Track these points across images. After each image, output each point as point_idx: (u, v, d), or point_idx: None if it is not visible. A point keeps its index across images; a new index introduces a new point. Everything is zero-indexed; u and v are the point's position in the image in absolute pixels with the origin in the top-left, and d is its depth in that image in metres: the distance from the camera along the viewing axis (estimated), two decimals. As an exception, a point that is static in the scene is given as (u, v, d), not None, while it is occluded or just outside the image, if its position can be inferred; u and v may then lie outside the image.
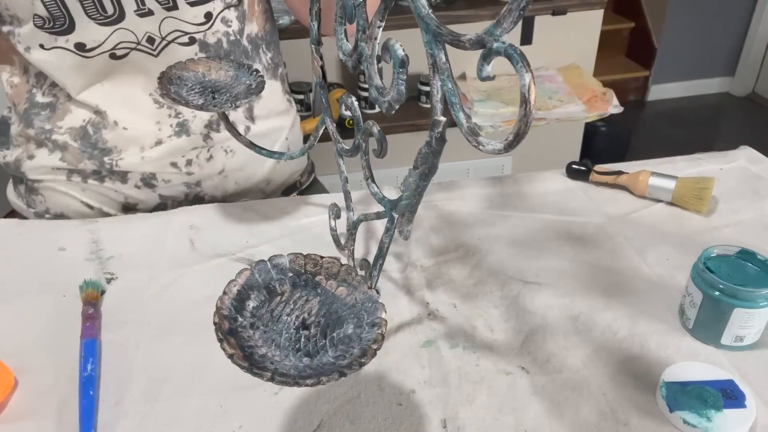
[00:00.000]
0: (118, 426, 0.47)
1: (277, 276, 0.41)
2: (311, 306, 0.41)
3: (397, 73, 0.40)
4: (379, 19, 0.42)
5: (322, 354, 0.38)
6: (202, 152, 0.77)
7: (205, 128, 0.76)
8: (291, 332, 0.39)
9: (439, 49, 0.37)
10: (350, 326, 0.40)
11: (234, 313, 0.38)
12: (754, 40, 2.96)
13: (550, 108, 1.56)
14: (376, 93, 0.44)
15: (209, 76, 0.60)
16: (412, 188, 0.44)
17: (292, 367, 0.36)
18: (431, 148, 0.41)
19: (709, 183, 0.70)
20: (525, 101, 0.31)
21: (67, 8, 0.63)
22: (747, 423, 0.45)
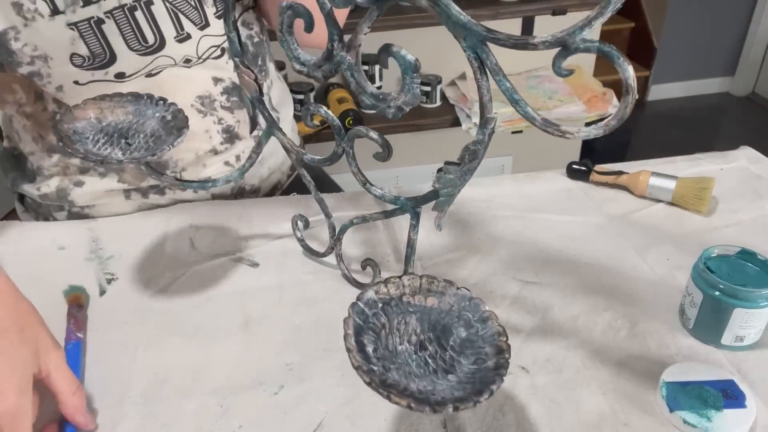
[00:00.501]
0: (118, 426, 0.47)
1: (371, 312, 0.40)
2: (412, 327, 0.40)
3: (411, 78, 0.40)
4: (367, 26, 0.41)
5: (458, 366, 0.38)
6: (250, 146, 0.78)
7: (252, 131, 0.78)
8: (414, 358, 0.39)
9: (488, 53, 0.38)
10: (461, 330, 0.40)
11: (368, 364, 0.37)
12: (754, 40, 2.96)
13: (550, 108, 1.56)
14: (372, 100, 0.43)
15: (106, 119, 0.53)
16: (456, 183, 0.45)
17: (449, 390, 0.36)
18: (484, 144, 0.42)
19: (709, 183, 0.70)
20: (630, 90, 0.34)
21: (109, 44, 0.61)
22: (747, 423, 0.44)
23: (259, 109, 0.54)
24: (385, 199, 0.51)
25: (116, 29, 0.61)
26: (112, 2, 0.60)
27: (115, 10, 0.60)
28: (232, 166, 0.77)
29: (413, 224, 0.50)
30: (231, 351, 0.54)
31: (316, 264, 0.65)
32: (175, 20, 0.64)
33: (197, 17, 0.65)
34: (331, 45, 0.43)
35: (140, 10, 0.62)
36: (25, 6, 0.57)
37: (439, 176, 0.46)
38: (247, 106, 0.55)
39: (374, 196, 0.52)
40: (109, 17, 0.60)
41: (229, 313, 0.58)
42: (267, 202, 0.77)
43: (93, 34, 0.60)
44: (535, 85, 1.67)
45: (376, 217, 0.55)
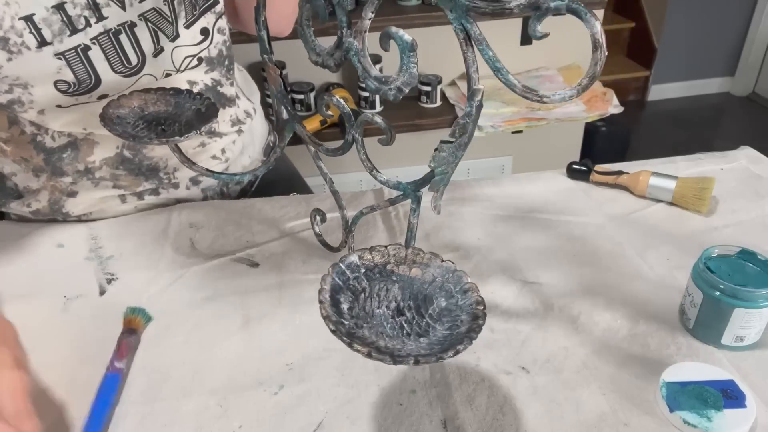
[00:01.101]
0: (118, 426, 0.47)
1: (353, 275, 0.42)
2: (394, 294, 0.42)
3: (408, 57, 0.42)
4: (371, 11, 0.43)
5: (432, 332, 0.39)
6: (234, 140, 0.80)
7: (234, 126, 0.79)
8: (390, 322, 0.40)
9: (472, 22, 0.39)
10: (442, 300, 0.41)
11: (339, 317, 0.39)
12: (754, 40, 2.96)
13: (550, 108, 1.56)
14: (376, 84, 0.45)
15: (147, 109, 0.58)
16: (449, 160, 0.46)
17: (418, 350, 0.38)
18: (471, 117, 0.43)
19: (709, 183, 0.70)
20: (598, 46, 0.35)
21: (95, 70, 0.61)
22: (747, 423, 0.44)
23: (283, 104, 0.56)
24: (389, 185, 0.53)
25: (102, 54, 0.61)
26: (97, 28, 0.59)
27: (100, 35, 0.60)
28: (219, 159, 0.78)
29: (413, 208, 0.52)
30: (231, 351, 0.54)
31: (316, 264, 0.65)
32: (153, 37, 0.64)
33: (170, 30, 0.65)
34: (341, 32, 0.45)
35: (124, 33, 0.61)
36: (12, 40, 0.56)
37: (434, 155, 0.47)
38: (273, 100, 0.56)
39: (378, 181, 0.53)
40: (95, 43, 0.60)
41: (229, 313, 0.58)
42: (267, 201, 0.77)
43: (79, 61, 0.59)
44: (535, 85, 1.67)
45: (383, 205, 0.56)
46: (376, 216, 0.72)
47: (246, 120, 0.81)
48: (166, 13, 0.64)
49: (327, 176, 0.60)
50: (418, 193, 0.51)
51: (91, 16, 0.59)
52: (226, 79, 0.77)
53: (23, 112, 0.63)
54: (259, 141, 0.87)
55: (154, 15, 0.63)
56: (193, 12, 0.67)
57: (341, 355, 0.53)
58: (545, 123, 1.54)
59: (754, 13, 2.92)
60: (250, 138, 0.84)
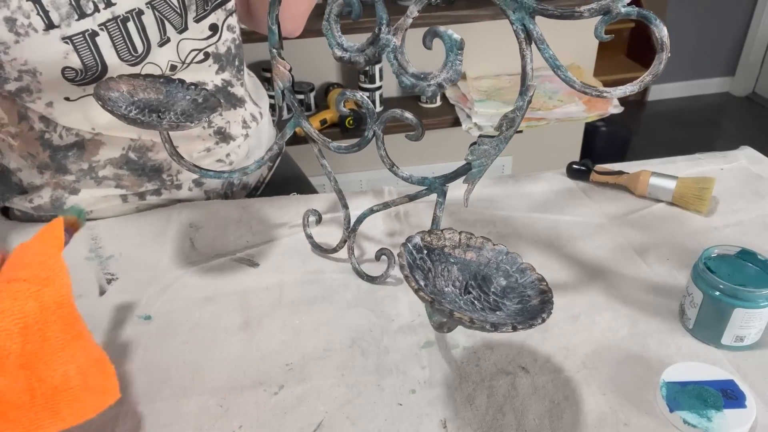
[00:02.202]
0: (118, 426, 0.47)
1: (418, 255, 0.44)
2: (454, 274, 0.44)
3: (455, 55, 0.44)
4: (417, 10, 0.44)
5: (503, 307, 0.41)
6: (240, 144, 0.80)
7: (243, 128, 0.79)
8: (462, 299, 0.42)
9: (534, 24, 0.41)
10: (501, 279, 0.43)
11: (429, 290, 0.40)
12: (754, 40, 2.96)
13: (550, 108, 1.56)
14: (413, 80, 0.46)
15: (137, 95, 0.56)
16: (490, 153, 0.48)
17: (501, 320, 0.39)
18: (522, 111, 0.45)
19: (709, 183, 0.70)
20: (665, 47, 0.38)
21: (101, 56, 0.61)
22: (747, 423, 0.44)
23: (289, 100, 0.56)
24: (412, 181, 0.54)
25: (109, 41, 0.61)
26: (106, 14, 0.60)
27: (108, 22, 0.60)
28: (223, 162, 0.78)
29: (440, 202, 0.53)
30: (231, 351, 0.54)
31: (316, 264, 0.65)
32: (160, 26, 0.64)
33: (179, 22, 0.66)
34: (378, 29, 0.46)
35: (132, 20, 0.62)
36: (19, 21, 0.56)
37: (473, 149, 0.49)
38: (276, 97, 0.56)
39: (400, 177, 0.54)
40: (102, 29, 0.60)
41: (229, 313, 0.58)
42: (266, 201, 0.77)
43: (87, 46, 0.60)
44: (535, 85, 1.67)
45: (400, 201, 0.57)
46: (376, 216, 0.72)
47: (252, 124, 0.81)
48: (175, 4, 0.64)
49: (331, 175, 0.60)
50: (444, 188, 0.52)
51: (99, 2, 0.59)
52: (236, 80, 0.77)
53: (32, 101, 0.63)
54: (266, 144, 0.87)
55: (162, 4, 0.63)
56: (204, 7, 0.67)
57: (341, 355, 0.53)
58: (545, 123, 1.54)
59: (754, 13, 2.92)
60: (257, 142, 0.84)
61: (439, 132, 1.71)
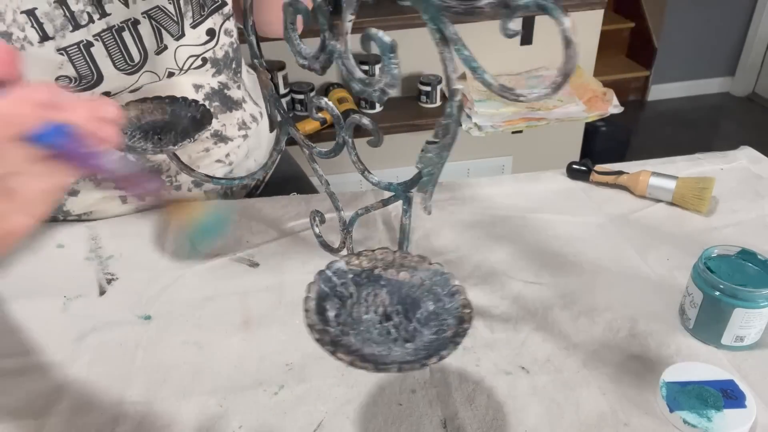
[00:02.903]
0: (118, 426, 0.47)
1: (340, 281, 0.42)
2: (382, 298, 0.42)
3: (389, 58, 0.41)
4: (351, 12, 0.43)
5: (419, 336, 0.39)
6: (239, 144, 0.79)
7: (241, 130, 0.78)
8: (378, 327, 0.40)
9: (445, 22, 0.39)
10: (429, 304, 0.41)
11: (324, 325, 0.38)
12: (754, 40, 2.95)
13: (550, 108, 1.56)
14: (361, 85, 0.44)
15: (144, 119, 0.59)
16: (434, 161, 0.46)
17: (404, 356, 0.37)
18: (453, 117, 0.43)
19: (709, 183, 0.70)
20: (570, 42, 0.35)
21: (97, 66, 0.61)
22: (747, 423, 0.44)
23: (275, 107, 0.56)
24: (380, 186, 0.53)
25: (104, 51, 0.61)
26: (100, 25, 0.59)
27: (103, 32, 0.60)
28: (223, 162, 0.78)
29: (405, 209, 0.52)
30: (231, 351, 0.54)
31: (316, 264, 0.65)
32: (157, 35, 0.64)
33: (176, 29, 0.65)
34: (323, 35, 0.45)
35: (128, 30, 0.61)
36: (15, 35, 0.55)
37: (420, 156, 0.47)
38: (267, 105, 0.56)
39: (370, 182, 0.53)
40: (97, 40, 0.60)
41: (229, 313, 0.58)
42: (266, 201, 0.77)
43: (82, 57, 0.59)
44: (535, 84, 1.67)
45: (376, 206, 0.56)
46: (376, 216, 0.72)
47: (252, 124, 0.81)
48: (171, 12, 0.64)
49: (323, 178, 0.60)
50: (408, 194, 0.50)
51: (93, 12, 0.59)
52: (233, 82, 0.76)
53: None
54: (267, 145, 0.86)
55: (158, 13, 0.63)
56: (201, 12, 0.67)
57: (341, 355, 0.53)
58: (545, 123, 1.54)
59: (754, 13, 2.92)
60: (257, 142, 0.83)
61: (439, 132, 1.71)
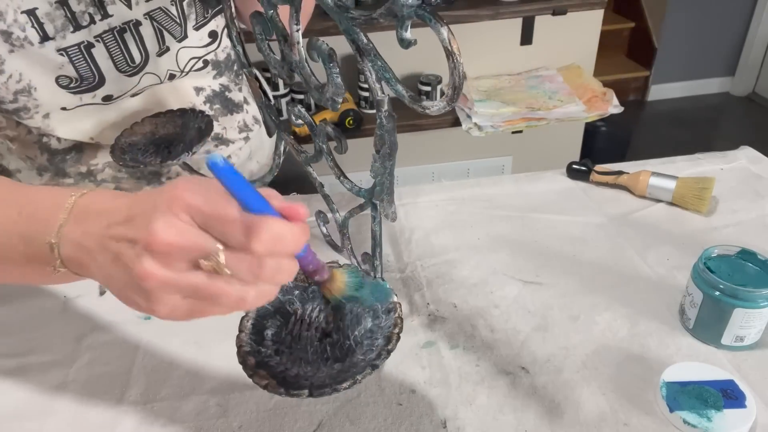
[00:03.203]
0: (118, 426, 0.47)
1: (284, 297, 0.42)
2: (327, 314, 0.41)
3: (329, 67, 0.41)
4: (294, 23, 0.42)
5: (351, 355, 0.39)
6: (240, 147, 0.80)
7: (242, 132, 0.79)
8: (315, 345, 0.40)
9: (357, 33, 0.38)
10: (368, 320, 0.41)
11: (256, 346, 0.39)
12: (754, 40, 2.96)
13: (550, 108, 1.56)
14: (318, 93, 0.45)
15: (158, 133, 0.61)
16: (381, 171, 0.45)
17: (326, 377, 0.37)
18: (384, 128, 0.42)
19: (709, 183, 0.70)
20: (450, 53, 0.33)
21: (98, 68, 0.60)
22: (747, 423, 0.44)
23: (267, 114, 0.56)
24: (353, 192, 0.53)
25: (106, 52, 0.60)
26: (102, 26, 0.59)
27: (104, 33, 0.59)
28: None
29: (373, 216, 0.52)
30: (231, 351, 0.54)
31: (316, 264, 0.65)
32: (159, 37, 0.64)
33: (179, 32, 0.65)
34: (279, 45, 0.45)
35: (129, 31, 0.61)
36: (15, 34, 0.55)
37: (372, 165, 0.47)
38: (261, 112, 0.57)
39: (346, 188, 0.53)
40: (98, 41, 0.59)
41: (229, 313, 0.58)
42: (267, 202, 0.77)
43: (83, 58, 0.59)
44: (535, 85, 1.67)
45: (355, 210, 0.56)
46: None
47: (254, 126, 0.81)
48: (174, 14, 0.63)
49: (316, 180, 0.60)
50: (374, 201, 0.50)
51: (95, 14, 0.58)
52: (234, 84, 0.76)
53: (29, 118, 0.62)
54: (269, 146, 0.86)
55: (161, 15, 0.63)
56: (204, 15, 0.66)
57: (341, 355, 0.53)
58: (545, 123, 1.54)
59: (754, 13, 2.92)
60: (259, 143, 0.83)
61: (439, 132, 1.71)
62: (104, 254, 0.35)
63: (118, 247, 0.33)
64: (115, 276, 0.34)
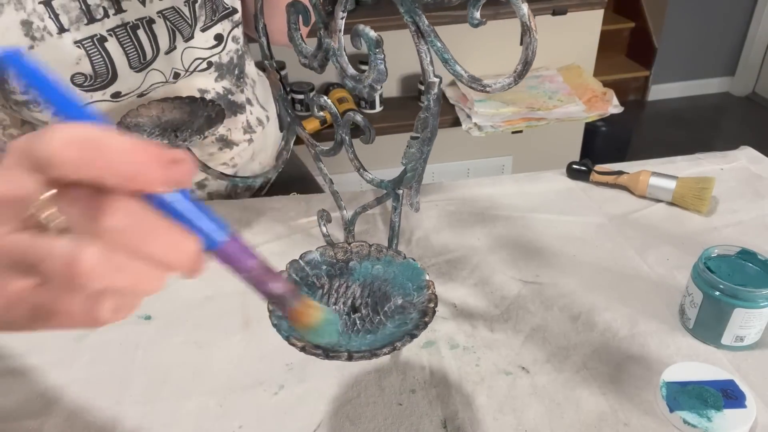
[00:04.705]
0: (118, 426, 0.47)
1: (312, 272, 0.42)
2: (353, 290, 0.42)
3: (374, 53, 0.42)
4: (342, 10, 0.43)
5: (382, 329, 0.39)
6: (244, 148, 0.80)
7: (246, 134, 0.79)
8: (344, 318, 0.40)
9: (419, 14, 0.39)
10: (398, 298, 0.41)
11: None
12: (754, 40, 2.96)
13: (550, 108, 1.56)
14: (353, 82, 0.45)
15: (164, 117, 0.60)
16: (417, 157, 0.46)
17: (361, 346, 0.37)
18: (430, 110, 0.43)
19: (709, 183, 0.70)
20: (527, 29, 0.34)
21: (113, 63, 0.61)
22: (747, 423, 0.44)
23: (283, 107, 0.56)
24: (374, 183, 0.53)
25: (119, 47, 0.61)
26: (115, 20, 0.60)
27: (117, 28, 0.60)
28: (227, 165, 0.78)
29: (394, 206, 0.52)
30: (231, 351, 0.54)
31: (316, 264, 0.65)
32: (170, 35, 0.64)
33: (188, 32, 0.66)
34: (319, 34, 0.45)
35: (142, 28, 0.62)
36: (35, 24, 0.56)
37: (405, 152, 0.47)
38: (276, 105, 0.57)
39: (365, 180, 0.53)
40: (111, 35, 0.60)
41: (229, 313, 0.58)
42: (266, 201, 0.77)
43: (98, 52, 0.60)
44: (535, 85, 1.67)
45: (371, 204, 0.56)
46: (375, 215, 0.72)
47: (257, 128, 0.81)
48: (186, 15, 0.64)
49: (327, 177, 0.61)
50: (397, 191, 0.51)
51: (110, 8, 0.59)
52: (236, 87, 0.77)
53: (38, 111, 0.62)
54: (272, 147, 0.86)
55: (173, 14, 0.63)
56: (212, 17, 0.67)
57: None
58: (545, 123, 1.54)
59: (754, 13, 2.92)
60: (262, 145, 0.83)
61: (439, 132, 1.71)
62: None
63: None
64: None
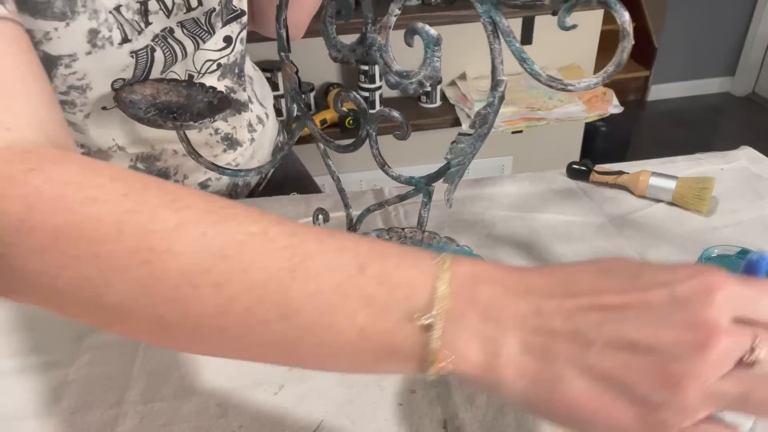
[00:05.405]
0: (118, 426, 0.47)
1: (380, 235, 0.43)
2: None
3: (432, 51, 0.43)
4: (398, 7, 0.44)
5: None
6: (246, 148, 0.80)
7: (249, 132, 0.79)
8: None
9: (501, 15, 0.41)
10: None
11: None
12: (754, 40, 2.96)
13: (550, 108, 1.56)
14: (397, 78, 0.46)
15: (159, 98, 0.59)
16: (467, 152, 0.47)
17: None
18: (493, 107, 0.44)
19: (709, 183, 0.70)
20: (626, 34, 0.36)
21: (150, 70, 0.61)
22: (747, 423, 0.44)
23: (296, 101, 0.57)
24: (401, 180, 0.53)
25: (162, 55, 0.62)
26: (153, 29, 0.60)
27: (155, 38, 0.61)
28: (230, 164, 0.78)
29: (425, 202, 0.52)
30: (231, 351, 0.54)
31: (316, 264, 0.65)
32: (194, 41, 0.65)
33: (207, 38, 0.67)
34: (365, 28, 0.46)
35: (170, 37, 0.63)
36: (101, 33, 0.56)
37: (452, 147, 0.48)
38: (286, 99, 0.57)
39: (390, 176, 0.53)
40: (156, 44, 0.61)
41: (229, 313, 0.58)
42: (267, 201, 0.77)
43: (145, 60, 0.60)
44: (535, 85, 1.67)
45: (393, 201, 0.57)
46: (376, 216, 0.72)
47: (258, 126, 0.81)
48: (203, 23, 0.65)
49: (335, 174, 0.61)
50: (430, 188, 0.51)
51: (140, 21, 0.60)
52: (238, 86, 0.77)
53: (72, 113, 0.63)
54: (269, 144, 0.87)
55: (191, 23, 0.64)
56: (222, 20, 0.67)
57: (341, 355, 0.53)
58: (545, 123, 1.54)
59: (754, 13, 2.92)
60: (260, 143, 0.84)
61: (439, 132, 1.71)
62: (571, 345, 0.26)
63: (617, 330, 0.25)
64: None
